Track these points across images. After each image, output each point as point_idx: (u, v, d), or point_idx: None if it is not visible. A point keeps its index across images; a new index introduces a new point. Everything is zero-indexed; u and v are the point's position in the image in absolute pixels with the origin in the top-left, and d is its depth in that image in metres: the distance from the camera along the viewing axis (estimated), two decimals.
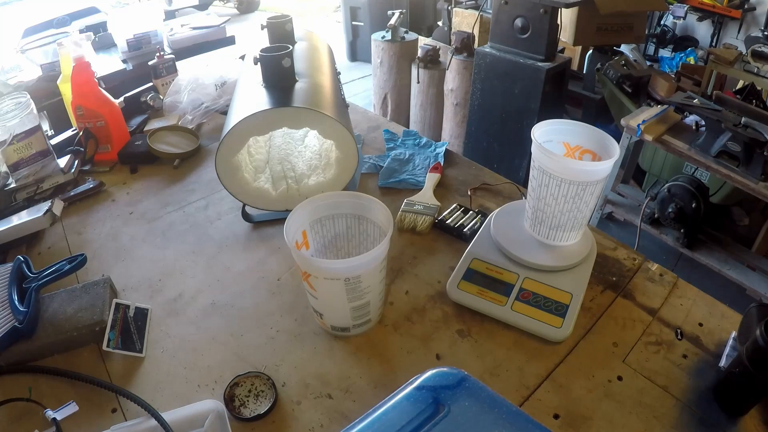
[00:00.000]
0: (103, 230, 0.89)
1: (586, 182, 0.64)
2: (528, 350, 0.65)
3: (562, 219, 0.69)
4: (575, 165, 0.66)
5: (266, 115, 0.75)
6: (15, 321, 0.64)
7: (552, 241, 0.72)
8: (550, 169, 0.65)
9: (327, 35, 2.54)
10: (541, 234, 0.73)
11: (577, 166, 0.66)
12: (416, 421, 0.40)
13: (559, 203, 0.67)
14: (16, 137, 0.94)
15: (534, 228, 0.73)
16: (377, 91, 3.09)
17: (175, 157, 1.06)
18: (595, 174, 0.64)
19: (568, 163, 0.65)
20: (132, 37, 1.51)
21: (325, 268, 0.60)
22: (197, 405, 0.57)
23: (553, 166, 0.65)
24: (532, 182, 0.70)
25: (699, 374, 0.61)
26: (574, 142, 0.71)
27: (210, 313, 0.72)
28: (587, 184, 0.64)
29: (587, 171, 0.64)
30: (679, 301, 0.71)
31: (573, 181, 0.64)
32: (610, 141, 0.67)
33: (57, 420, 0.54)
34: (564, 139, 0.71)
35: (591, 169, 0.65)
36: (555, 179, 0.65)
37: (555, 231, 0.71)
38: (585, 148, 0.70)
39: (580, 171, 0.64)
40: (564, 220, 0.69)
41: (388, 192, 0.95)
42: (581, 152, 0.71)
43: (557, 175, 0.65)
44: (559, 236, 0.71)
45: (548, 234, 0.72)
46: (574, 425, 0.56)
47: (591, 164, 0.67)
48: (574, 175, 0.64)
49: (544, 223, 0.71)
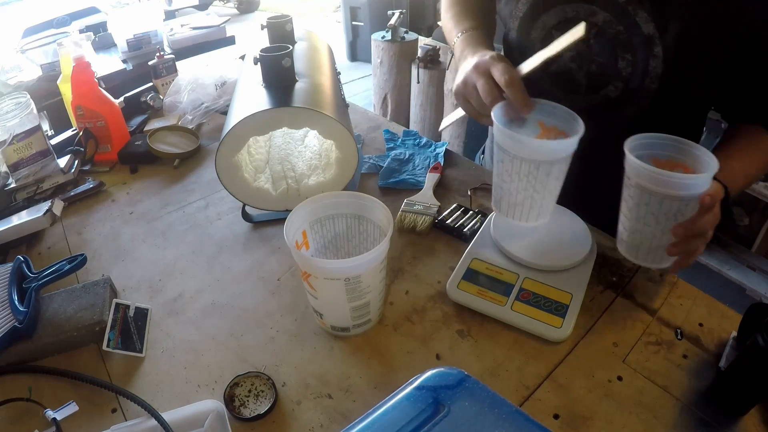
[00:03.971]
0: (103, 230, 0.89)
1: (538, 161, 0.62)
2: (528, 350, 0.65)
3: (518, 197, 0.67)
4: (530, 142, 0.63)
5: (266, 115, 0.75)
6: (15, 321, 0.64)
7: (513, 220, 0.70)
8: (501, 144, 0.64)
9: (327, 35, 2.54)
10: (501, 211, 0.71)
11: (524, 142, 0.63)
12: (416, 421, 0.40)
13: (514, 181, 0.65)
14: (16, 137, 0.94)
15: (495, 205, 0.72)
16: (377, 91, 3.09)
17: (175, 157, 1.06)
18: (547, 153, 0.61)
19: (521, 140, 0.62)
20: (132, 37, 1.51)
21: (325, 268, 0.60)
22: (197, 405, 0.57)
23: (501, 138, 0.63)
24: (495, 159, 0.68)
25: (699, 374, 0.61)
26: (549, 122, 0.68)
27: (210, 313, 0.72)
28: (540, 163, 0.62)
29: (540, 149, 0.62)
30: (679, 301, 0.71)
31: (525, 159, 0.62)
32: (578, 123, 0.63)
33: (57, 420, 0.54)
34: (539, 118, 0.68)
35: (543, 147, 0.62)
36: (508, 155, 0.63)
37: (513, 209, 0.69)
38: (560, 129, 0.67)
39: (535, 148, 0.62)
40: (521, 198, 0.67)
41: (388, 192, 0.95)
42: (556, 134, 0.67)
43: (509, 151, 0.63)
44: (518, 215, 0.69)
45: (507, 212, 0.70)
46: (574, 425, 0.56)
47: (541, 142, 0.64)
48: (526, 152, 0.61)
49: (503, 201, 0.69)
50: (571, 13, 0.76)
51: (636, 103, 0.76)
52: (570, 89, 0.81)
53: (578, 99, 0.81)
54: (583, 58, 0.78)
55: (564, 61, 0.80)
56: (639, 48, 0.72)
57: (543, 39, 0.80)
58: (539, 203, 0.67)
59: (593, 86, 0.79)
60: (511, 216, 0.70)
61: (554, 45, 0.65)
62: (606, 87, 0.78)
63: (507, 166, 0.65)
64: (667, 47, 0.70)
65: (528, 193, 0.66)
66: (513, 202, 0.68)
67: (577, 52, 0.77)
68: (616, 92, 0.77)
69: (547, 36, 0.79)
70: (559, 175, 0.65)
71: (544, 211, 0.69)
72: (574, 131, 0.64)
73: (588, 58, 0.77)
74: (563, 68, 0.80)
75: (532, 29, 0.81)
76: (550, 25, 0.78)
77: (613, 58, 0.75)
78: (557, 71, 0.81)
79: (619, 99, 0.77)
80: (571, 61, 0.79)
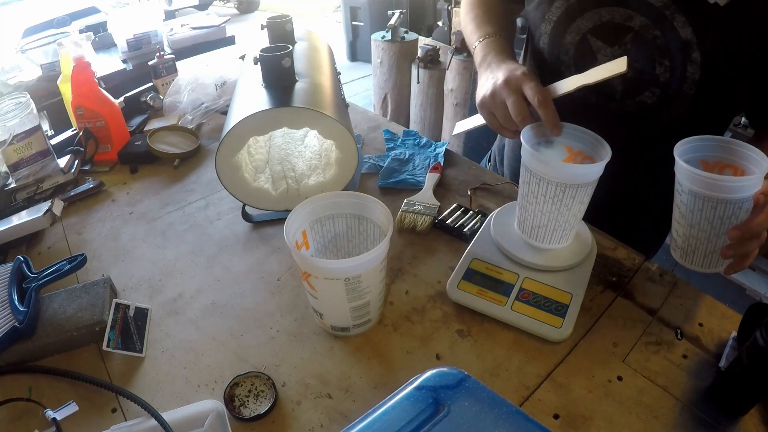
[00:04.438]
0: (103, 230, 0.89)
1: (565, 184, 0.62)
2: (528, 350, 0.65)
3: (543, 219, 0.68)
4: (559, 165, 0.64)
5: (266, 115, 0.75)
6: (15, 321, 0.64)
7: (535, 242, 0.71)
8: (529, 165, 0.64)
9: (327, 35, 2.54)
10: (524, 232, 0.72)
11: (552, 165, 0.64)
12: (416, 421, 0.40)
13: (539, 203, 0.66)
14: (16, 137, 0.94)
15: (519, 226, 0.73)
16: (377, 91, 3.09)
17: (175, 157, 1.06)
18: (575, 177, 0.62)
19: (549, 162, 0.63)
20: (132, 37, 1.51)
21: (325, 268, 0.60)
22: (197, 405, 0.57)
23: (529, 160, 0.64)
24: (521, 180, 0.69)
25: (699, 374, 0.61)
26: (576, 146, 0.69)
27: (210, 313, 0.72)
28: (566, 186, 0.63)
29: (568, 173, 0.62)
30: (679, 301, 0.71)
31: (551, 181, 0.63)
32: (605, 148, 0.64)
33: (57, 420, 0.54)
34: (566, 142, 0.70)
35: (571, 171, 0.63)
36: (534, 177, 0.64)
37: (536, 231, 0.70)
38: (586, 153, 0.68)
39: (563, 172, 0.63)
40: (545, 220, 0.68)
41: (388, 192, 0.95)
42: (582, 158, 0.69)
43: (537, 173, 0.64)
44: (541, 237, 0.70)
45: (530, 233, 0.71)
46: (574, 425, 0.56)
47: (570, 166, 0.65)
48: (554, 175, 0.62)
49: (526, 222, 0.70)
50: (606, 16, 0.73)
51: (673, 109, 0.75)
52: (605, 95, 0.79)
53: (612, 106, 0.79)
54: None
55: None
56: (677, 53, 0.70)
57: (578, 44, 0.77)
58: (563, 226, 0.68)
59: (629, 92, 0.77)
60: (534, 237, 0.71)
61: (593, 73, 0.66)
62: (642, 93, 0.76)
63: (533, 188, 0.66)
64: (705, 53, 0.68)
65: (552, 216, 0.67)
66: (537, 224, 0.69)
67: (613, 56, 0.71)
68: (652, 98, 0.75)
69: (583, 40, 0.77)
70: (584, 198, 0.65)
71: (567, 234, 0.70)
72: (599, 156, 0.65)
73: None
74: None
75: (566, 33, 0.78)
76: (585, 29, 0.76)
77: (651, 63, 0.72)
78: None
79: (655, 105, 0.76)
80: None
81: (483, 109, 0.74)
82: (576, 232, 0.73)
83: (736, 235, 0.57)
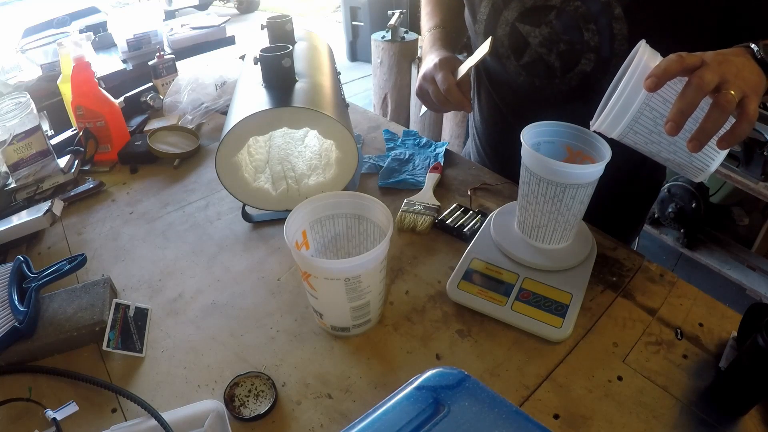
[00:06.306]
0: (103, 230, 0.89)
1: (565, 184, 0.63)
2: (528, 350, 0.65)
3: (543, 219, 0.68)
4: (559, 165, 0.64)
5: (266, 115, 0.75)
6: (15, 321, 0.64)
7: (535, 242, 0.72)
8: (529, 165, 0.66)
9: (327, 35, 2.53)
10: (524, 232, 0.73)
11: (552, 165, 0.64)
12: (416, 421, 0.40)
13: (539, 203, 0.67)
14: (16, 137, 0.94)
15: (519, 226, 0.74)
16: (377, 91, 3.09)
17: (175, 157, 1.06)
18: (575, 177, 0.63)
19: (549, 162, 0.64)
20: (132, 37, 1.51)
21: (325, 268, 0.60)
22: (197, 405, 0.57)
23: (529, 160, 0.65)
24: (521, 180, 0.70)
25: (699, 374, 0.61)
26: (576, 146, 0.70)
27: (210, 313, 0.72)
28: (566, 186, 0.63)
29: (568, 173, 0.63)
30: (679, 301, 0.71)
31: (551, 181, 0.64)
32: (605, 148, 0.65)
33: (57, 420, 0.54)
34: (566, 142, 0.71)
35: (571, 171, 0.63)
36: (534, 177, 0.65)
37: (536, 231, 0.70)
38: (586, 153, 0.69)
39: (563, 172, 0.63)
40: (545, 220, 0.68)
41: (388, 192, 0.95)
42: (582, 158, 0.70)
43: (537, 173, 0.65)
44: (541, 237, 0.71)
45: (530, 233, 0.72)
46: (574, 425, 0.56)
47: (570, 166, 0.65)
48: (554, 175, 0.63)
49: (526, 222, 0.71)
50: (529, 2, 0.77)
51: (612, 70, 0.74)
52: (546, 75, 0.82)
53: (557, 83, 0.81)
54: (551, 41, 0.78)
55: (533, 48, 0.80)
56: (600, 16, 0.73)
57: (509, 34, 0.81)
58: (563, 226, 0.69)
59: (567, 65, 0.79)
60: (534, 237, 0.72)
61: (473, 56, 0.78)
62: (579, 63, 0.78)
63: (533, 188, 0.66)
64: (625, 6, 0.71)
65: (552, 216, 0.67)
66: (537, 224, 0.69)
67: (543, 36, 0.78)
68: (590, 65, 0.77)
69: (513, 30, 0.81)
70: (584, 198, 0.66)
71: (567, 234, 0.71)
72: (600, 156, 0.66)
73: (555, 39, 0.78)
74: (534, 56, 0.81)
75: (497, 27, 0.82)
76: (512, 19, 0.80)
77: (578, 31, 0.75)
78: (530, 60, 0.82)
79: (595, 71, 0.78)
80: (540, 46, 0.79)
81: (419, 98, 0.88)
82: (576, 232, 0.73)
83: (674, 112, 0.49)
